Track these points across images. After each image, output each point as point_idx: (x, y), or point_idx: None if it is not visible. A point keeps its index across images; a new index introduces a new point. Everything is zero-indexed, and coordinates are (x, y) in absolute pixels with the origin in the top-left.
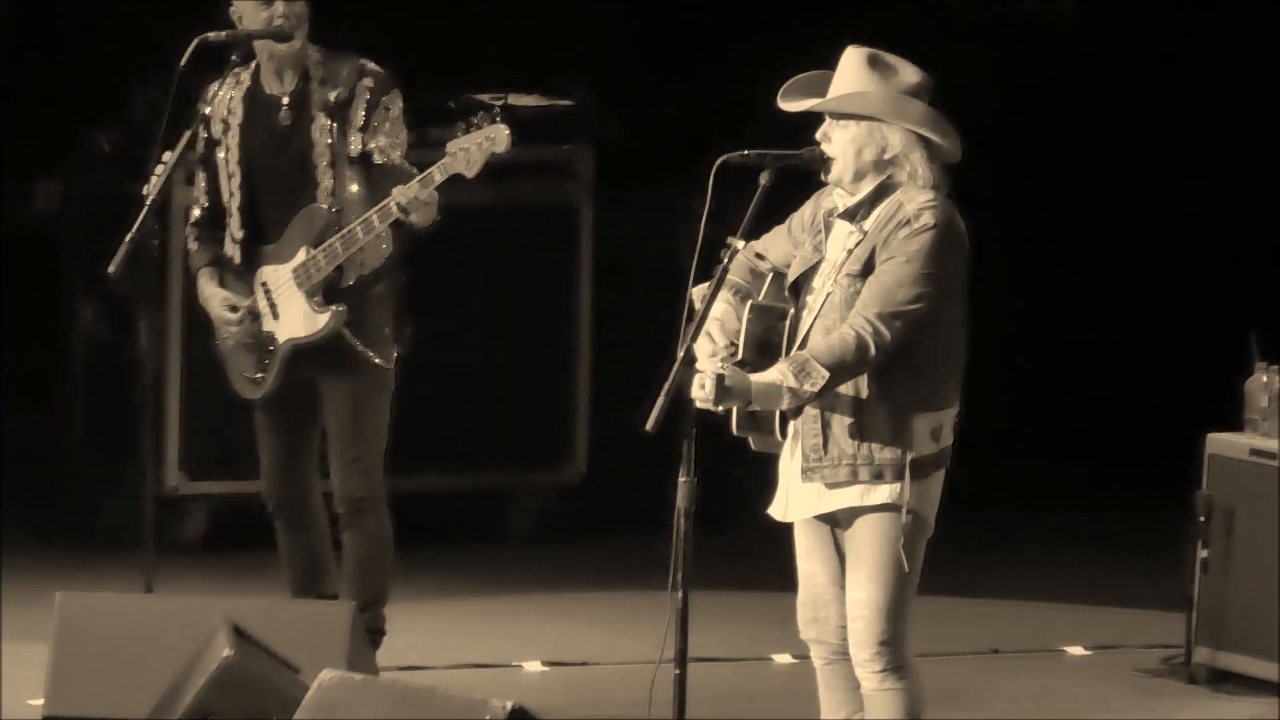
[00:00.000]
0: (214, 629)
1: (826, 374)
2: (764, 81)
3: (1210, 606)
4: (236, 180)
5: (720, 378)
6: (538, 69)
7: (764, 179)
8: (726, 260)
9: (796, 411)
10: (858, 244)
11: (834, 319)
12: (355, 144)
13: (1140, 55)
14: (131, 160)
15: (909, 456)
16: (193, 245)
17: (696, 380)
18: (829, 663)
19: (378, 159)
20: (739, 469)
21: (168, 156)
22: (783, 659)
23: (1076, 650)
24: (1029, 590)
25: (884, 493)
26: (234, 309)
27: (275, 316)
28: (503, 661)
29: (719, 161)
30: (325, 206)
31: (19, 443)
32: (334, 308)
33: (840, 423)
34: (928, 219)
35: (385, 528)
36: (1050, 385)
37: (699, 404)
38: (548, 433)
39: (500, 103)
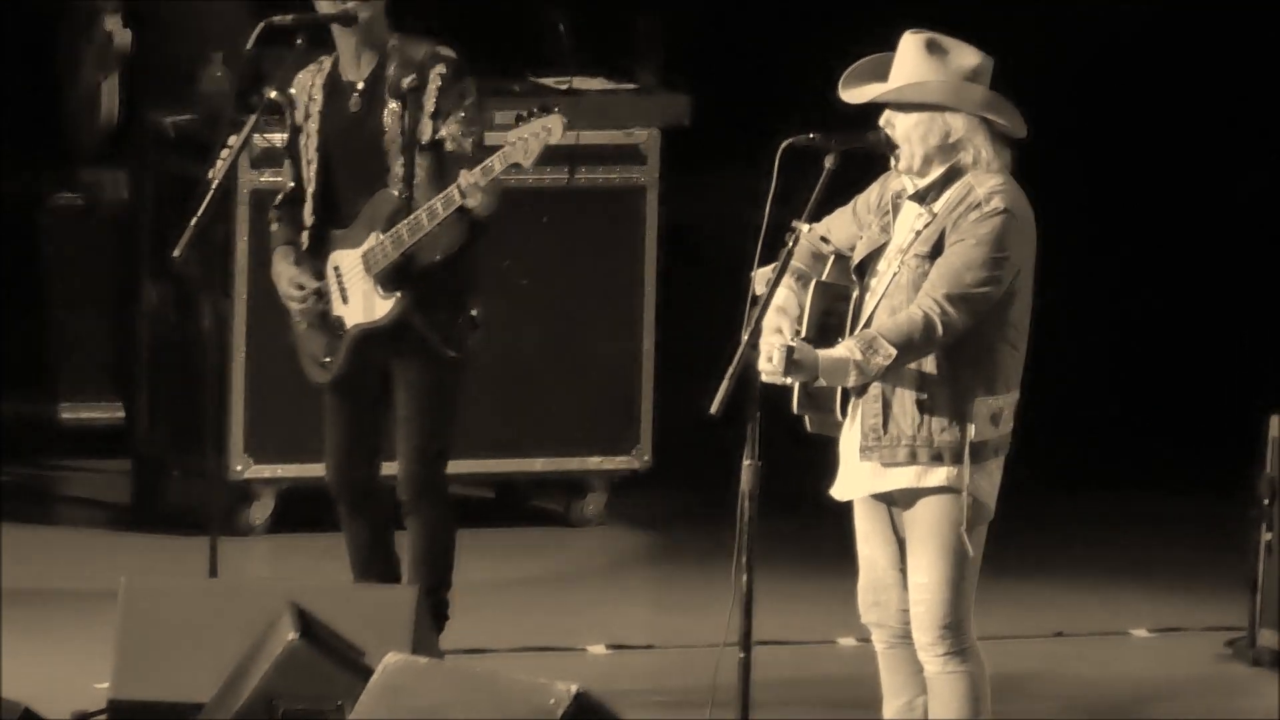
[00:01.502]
0: (279, 612)
1: (894, 351)
2: (830, 63)
3: (1275, 589)
4: (314, 167)
5: (789, 350)
6: (604, 52)
7: (829, 162)
8: (790, 244)
9: (860, 390)
10: (926, 225)
11: (900, 299)
12: (426, 130)
13: (1205, 30)
14: (198, 144)
15: (969, 439)
16: (274, 225)
17: (764, 353)
18: (891, 646)
19: (449, 146)
20: (803, 452)
21: (233, 141)
22: (847, 642)
23: (1140, 633)
24: (1092, 573)
25: (941, 475)
26: (300, 287)
27: (345, 300)
28: (567, 645)
29: (784, 145)
30: (396, 192)
31: (84, 426)
32: (398, 294)
33: (901, 403)
34: (998, 203)
35: (449, 514)
36: (1114, 365)
37: (766, 377)
38: (613, 416)
39: (565, 87)
